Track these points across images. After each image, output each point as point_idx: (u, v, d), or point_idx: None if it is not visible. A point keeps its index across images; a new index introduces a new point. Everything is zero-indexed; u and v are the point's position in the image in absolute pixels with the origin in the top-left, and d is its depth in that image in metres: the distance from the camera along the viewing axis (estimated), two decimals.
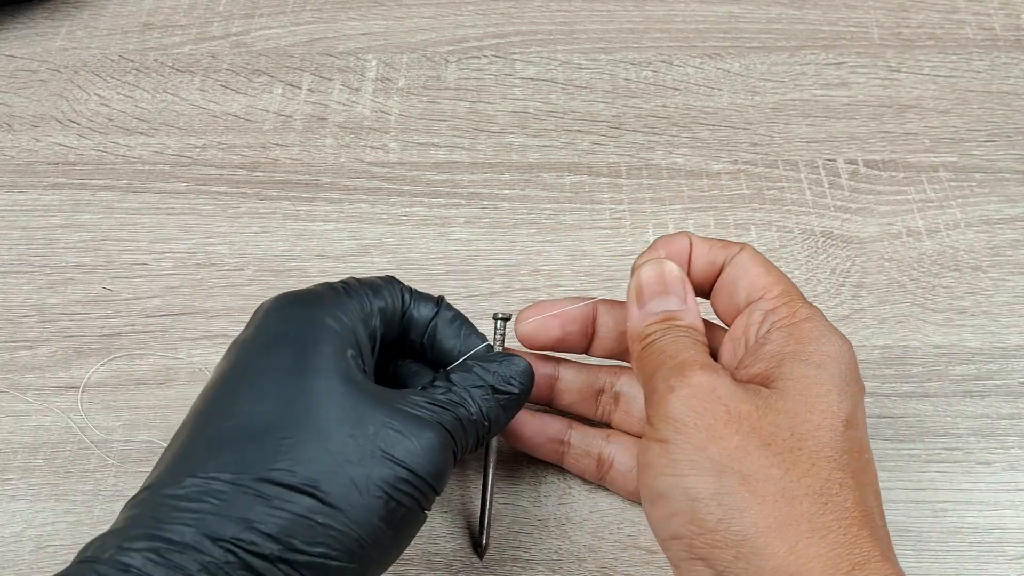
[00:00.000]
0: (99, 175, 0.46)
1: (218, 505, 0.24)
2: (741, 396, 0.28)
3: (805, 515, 0.26)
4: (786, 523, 0.26)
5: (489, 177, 0.45)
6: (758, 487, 0.26)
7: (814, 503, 0.26)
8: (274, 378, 0.27)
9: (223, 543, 0.24)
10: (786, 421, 0.27)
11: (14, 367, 0.39)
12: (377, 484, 0.26)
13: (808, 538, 0.25)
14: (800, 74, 0.50)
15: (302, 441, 0.26)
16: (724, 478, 0.26)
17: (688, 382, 0.28)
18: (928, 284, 0.42)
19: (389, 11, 0.53)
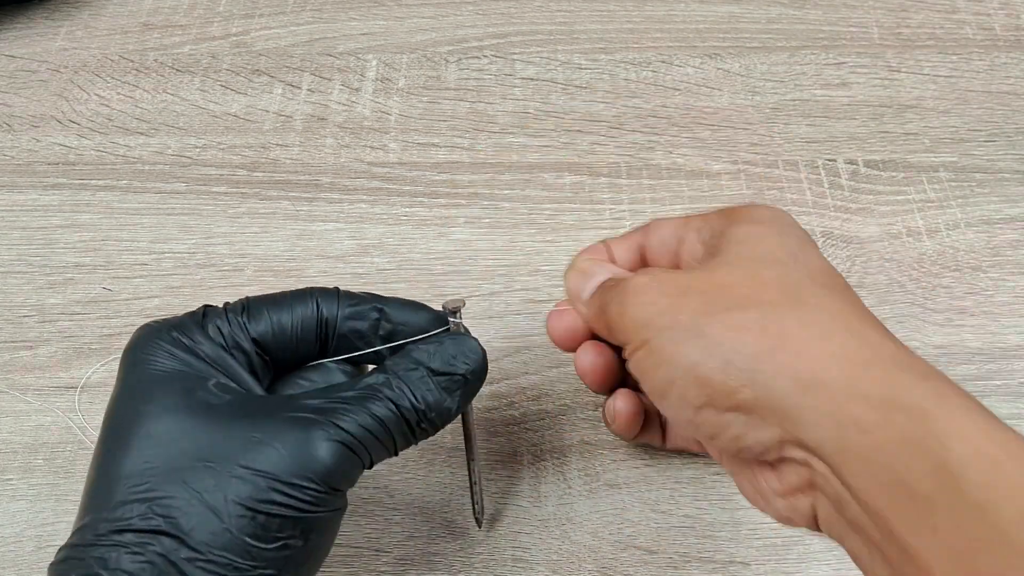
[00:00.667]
0: (99, 175, 0.46)
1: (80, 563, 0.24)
2: (685, 272, 0.30)
3: (797, 328, 0.26)
4: (783, 340, 0.26)
5: (489, 177, 0.46)
6: (738, 324, 0.27)
7: (800, 316, 0.27)
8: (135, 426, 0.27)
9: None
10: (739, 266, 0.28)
11: (14, 367, 0.39)
12: (236, 504, 0.25)
13: (808, 345, 0.26)
14: (800, 74, 0.50)
15: (157, 484, 0.25)
16: (706, 334, 0.27)
17: (631, 288, 0.29)
18: (928, 284, 0.42)
19: (389, 11, 0.53)
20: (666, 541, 0.35)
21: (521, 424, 0.38)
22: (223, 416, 0.27)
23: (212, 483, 0.25)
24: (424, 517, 0.35)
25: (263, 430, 0.26)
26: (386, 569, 0.34)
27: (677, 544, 0.35)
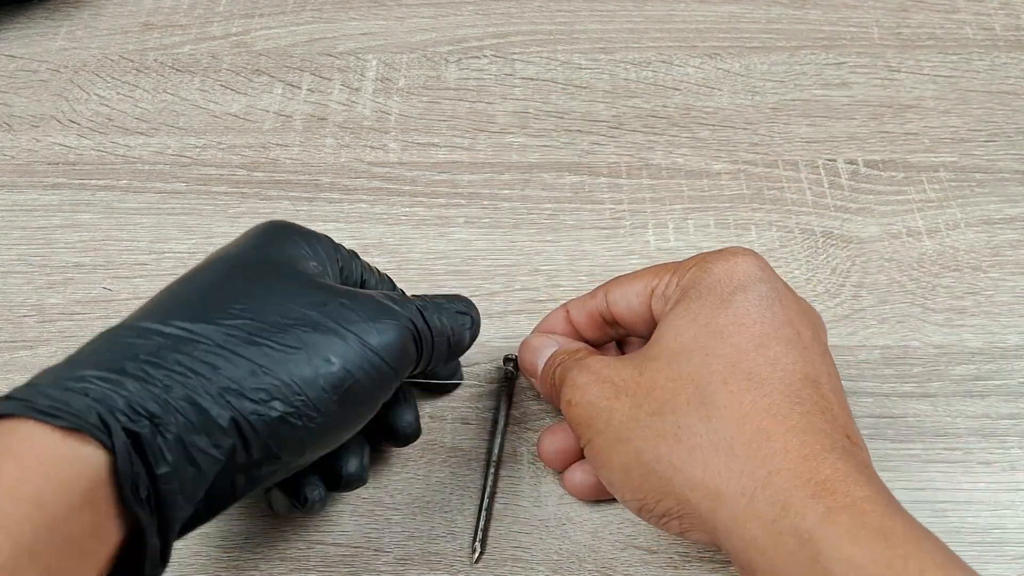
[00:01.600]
0: (99, 175, 0.46)
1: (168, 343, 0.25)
2: (622, 365, 0.30)
3: (703, 436, 0.27)
4: (691, 452, 0.27)
5: (489, 177, 0.45)
6: (657, 431, 0.28)
7: (709, 423, 0.27)
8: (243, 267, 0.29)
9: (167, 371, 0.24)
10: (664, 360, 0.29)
11: (14, 367, 0.39)
12: (329, 351, 0.27)
13: (715, 457, 0.27)
14: (800, 74, 0.50)
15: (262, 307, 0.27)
16: (632, 441, 0.28)
17: (575, 386, 0.31)
18: (928, 284, 0.42)
19: (389, 11, 0.53)
20: (666, 541, 0.35)
21: (521, 424, 0.38)
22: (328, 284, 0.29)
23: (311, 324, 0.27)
24: (424, 517, 0.35)
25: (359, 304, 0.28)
26: (386, 569, 0.34)
27: (677, 544, 0.35)
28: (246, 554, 0.34)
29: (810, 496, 0.25)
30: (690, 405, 0.28)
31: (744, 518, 0.26)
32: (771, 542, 0.25)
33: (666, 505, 0.28)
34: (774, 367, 0.28)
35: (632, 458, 0.28)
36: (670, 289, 0.32)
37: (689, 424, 0.27)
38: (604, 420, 0.29)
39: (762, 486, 0.25)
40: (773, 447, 0.26)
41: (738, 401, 0.27)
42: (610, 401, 0.29)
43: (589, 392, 0.30)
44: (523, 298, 0.41)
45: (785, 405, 0.27)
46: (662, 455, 0.28)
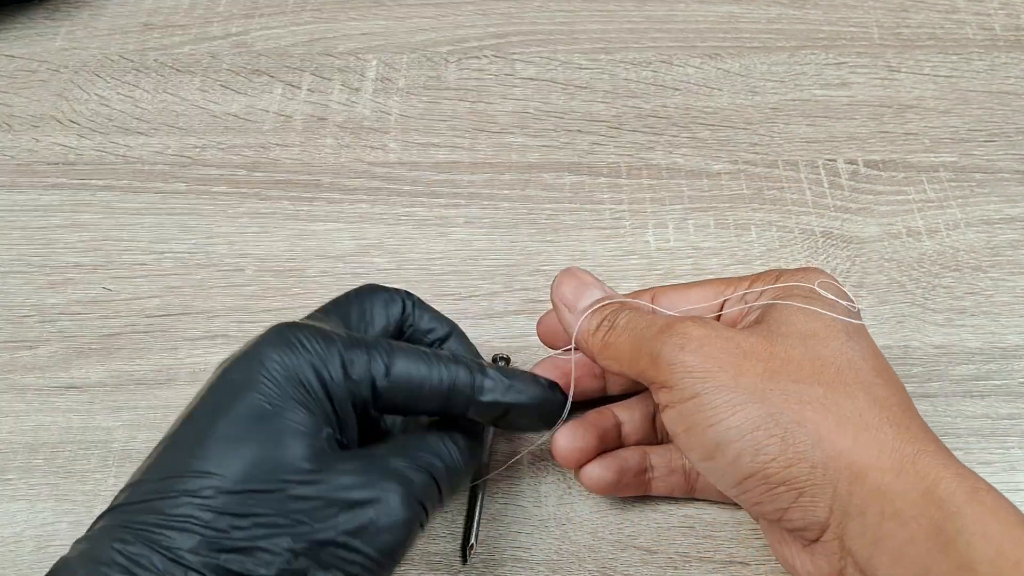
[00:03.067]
0: (99, 175, 0.46)
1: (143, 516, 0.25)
2: (744, 335, 0.29)
3: (853, 413, 0.27)
4: (841, 422, 0.26)
5: (489, 177, 0.45)
6: (802, 399, 0.27)
7: (855, 402, 0.27)
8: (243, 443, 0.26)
9: None
10: (796, 339, 0.29)
11: (14, 367, 0.39)
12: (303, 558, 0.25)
13: (865, 432, 0.26)
14: (800, 74, 0.50)
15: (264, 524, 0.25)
16: (769, 401, 0.27)
17: (690, 334, 0.28)
18: (928, 284, 0.42)
19: (389, 11, 0.53)
20: (666, 541, 0.35)
21: None
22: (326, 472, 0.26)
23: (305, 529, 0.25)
24: None
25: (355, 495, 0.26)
26: None
27: (677, 544, 0.35)
28: None
29: (957, 476, 0.25)
30: (835, 384, 0.28)
31: (892, 491, 0.25)
32: (916, 513, 0.25)
33: (793, 473, 0.26)
34: (891, 375, 0.29)
35: (764, 419, 0.27)
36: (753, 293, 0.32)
37: (836, 399, 0.27)
38: (731, 376, 0.27)
39: (911, 462, 0.26)
40: (915, 434, 0.27)
41: (878, 392, 0.28)
42: (737, 359, 0.28)
43: (711, 344, 0.28)
44: (523, 298, 0.41)
45: (909, 408, 0.28)
46: (807, 419, 0.27)
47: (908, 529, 0.25)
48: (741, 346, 0.28)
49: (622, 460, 0.33)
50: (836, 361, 0.28)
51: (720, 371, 0.27)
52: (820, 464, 0.26)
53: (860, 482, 0.26)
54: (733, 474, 0.27)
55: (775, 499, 0.27)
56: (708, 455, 0.28)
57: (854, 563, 0.27)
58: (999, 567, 0.24)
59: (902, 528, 0.25)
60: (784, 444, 0.26)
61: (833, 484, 0.26)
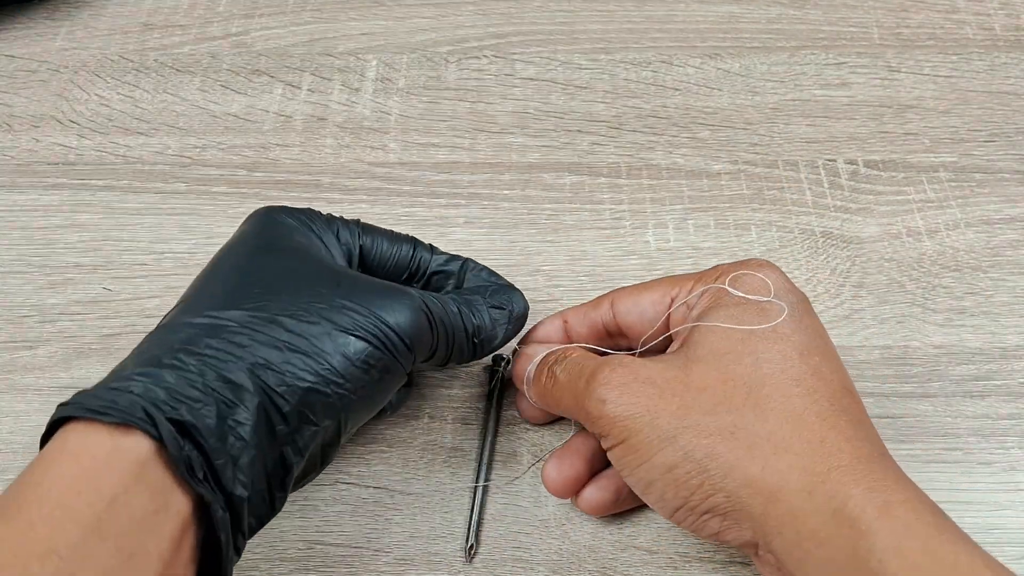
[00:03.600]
0: (99, 175, 0.46)
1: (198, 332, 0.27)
2: (662, 368, 0.30)
3: (763, 437, 0.28)
4: (751, 450, 0.27)
5: (489, 177, 0.45)
6: (712, 430, 0.28)
7: (766, 423, 0.28)
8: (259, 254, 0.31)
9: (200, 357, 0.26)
10: (710, 362, 0.29)
11: (14, 367, 0.39)
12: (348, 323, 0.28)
13: (774, 455, 0.27)
14: (800, 74, 0.50)
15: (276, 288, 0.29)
16: (681, 439, 0.28)
17: (609, 384, 0.30)
18: (928, 284, 0.42)
19: (389, 11, 0.53)
20: (666, 541, 0.35)
21: (521, 424, 0.38)
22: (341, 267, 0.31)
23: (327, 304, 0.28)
24: (424, 517, 0.35)
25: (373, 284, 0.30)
26: (386, 569, 0.34)
27: (677, 544, 0.35)
28: (246, 554, 0.34)
29: (868, 491, 0.26)
30: (745, 406, 0.28)
31: (804, 513, 0.26)
32: (829, 533, 0.26)
33: (713, 502, 0.28)
34: (817, 376, 0.29)
35: (679, 457, 0.28)
36: (694, 298, 0.32)
37: (746, 424, 0.28)
38: (647, 420, 0.29)
39: (822, 481, 0.26)
40: (828, 448, 0.27)
41: (792, 405, 0.28)
42: (653, 401, 0.29)
43: (628, 391, 0.29)
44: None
45: (832, 413, 0.28)
46: (717, 453, 0.28)
47: (824, 549, 0.26)
48: (657, 384, 0.29)
49: (616, 478, 0.34)
50: (748, 380, 0.29)
51: (638, 418, 0.29)
52: (734, 492, 0.27)
53: (774, 505, 0.27)
54: (665, 507, 0.30)
55: (706, 525, 0.29)
56: (642, 491, 0.30)
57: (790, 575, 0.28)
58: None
59: (819, 548, 0.26)
60: (701, 478, 0.28)
61: (749, 508, 0.27)
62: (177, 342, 0.27)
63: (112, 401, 0.24)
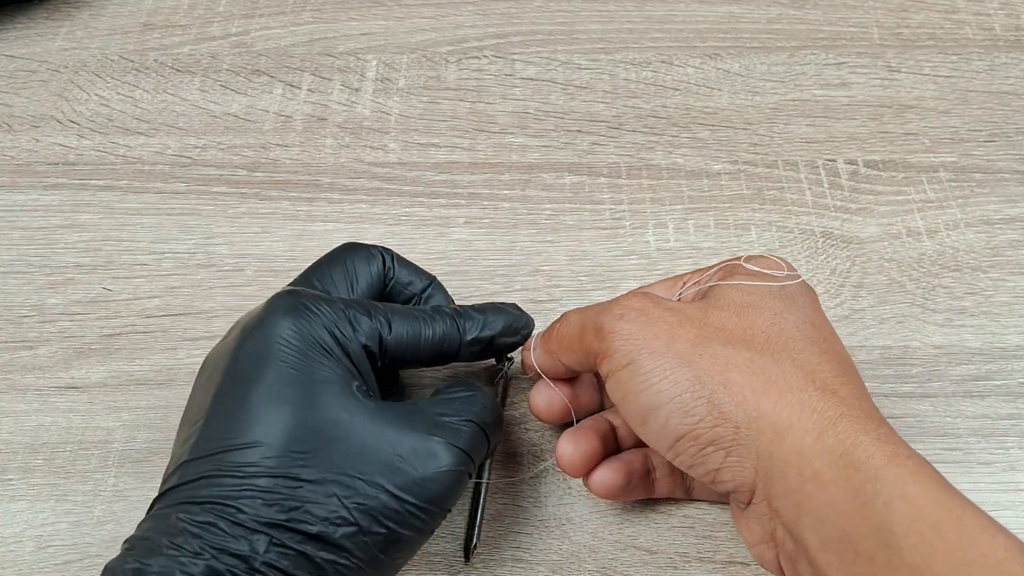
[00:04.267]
0: (99, 175, 0.46)
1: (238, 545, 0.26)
2: (682, 305, 0.30)
3: (779, 377, 0.28)
4: (766, 385, 0.27)
5: (489, 177, 0.45)
6: (729, 362, 0.28)
7: (782, 367, 0.28)
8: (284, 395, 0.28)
9: None
10: (731, 310, 0.30)
11: (14, 367, 0.39)
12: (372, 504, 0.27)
13: (789, 394, 0.27)
14: (800, 74, 0.50)
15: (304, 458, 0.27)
16: (696, 365, 0.28)
17: (630, 305, 0.30)
18: (928, 284, 0.42)
19: (389, 11, 0.53)
20: (666, 541, 0.35)
21: (521, 424, 0.38)
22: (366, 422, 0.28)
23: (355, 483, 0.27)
24: None
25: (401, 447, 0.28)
26: None
27: (677, 544, 0.35)
28: None
29: (877, 440, 0.26)
30: (764, 349, 0.29)
31: (811, 452, 0.26)
32: (835, 475, 0.25)
33: (719, 433, 0.27)
34: (829, 343, 0.30)
35: (692, 382, 0.28)
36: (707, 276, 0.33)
37: (763, 363, 0.28)
38: (663, 342, 0.28)
39: (832, 424, 0.26)
40: (840, 399, 0.27)
41: (807, 359, 0.29)
42: (671, 326, 0.29)
43: (648, 313, 0.29)
44: (523, 298, 0.41)
45: (842, 374, 0.29)
46: (732, 381, 0.28)
47: (827, 491, 0.25)
48: (678, 315, 0.29)
49: (627, 462, 0.34)
50: (767, 330, 0.29)
51: (654, 338, 0.29)
52: (743, 424, 0.27)
53: (780, 442, 0.27)
54: (666, 436, 0.28)
55: (705, 460, 0.28)
56: (643, 419, 0.29)
57: (782, 526, 0.27)
58: (918, 528, 0.24)
59: (821, 490, 0.26)
60: (710, 405, 0.27)
61: (755, 444, 0.27)
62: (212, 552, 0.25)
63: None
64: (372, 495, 0.27)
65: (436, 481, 0.28)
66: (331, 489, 0.27)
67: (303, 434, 0.27)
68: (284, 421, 0.27)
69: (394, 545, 0.28)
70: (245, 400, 0.28)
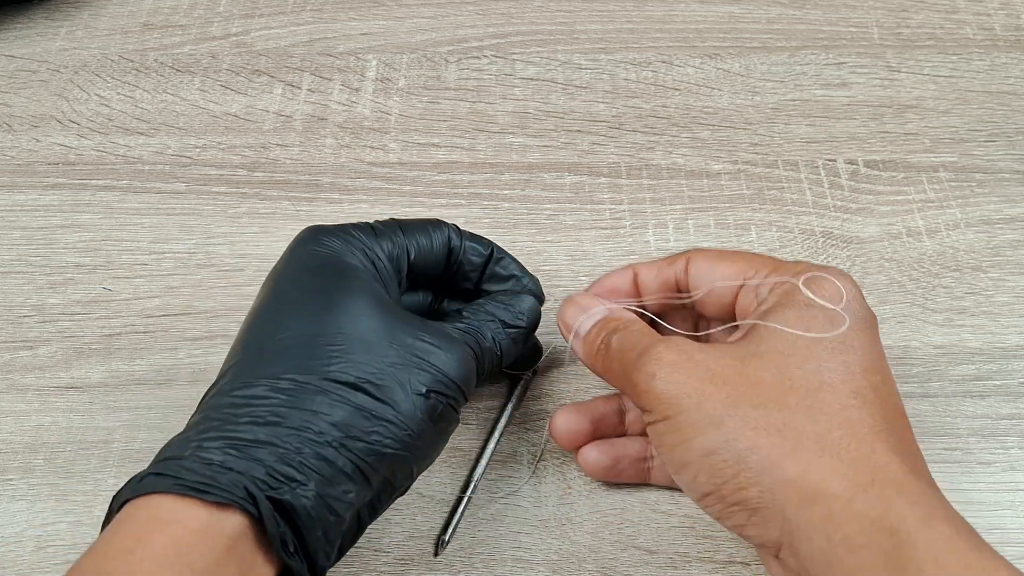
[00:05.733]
0: (99, 175, 0.46)
1: (287, 400, 0.27)
2: (718, 355, 0.30)
3: (811, 439, 0.27)
4: (796, 449, 0.27)
5: (489, 177, 0.45)
6: (759, 424, 0.28)
7: (817, 425, 0.27)
8: (316, 298, 0.30)
9: (294, 432, 0.27)
10: (771, 359, 0.29)
11: (14, 367, 0.39)
12: (419, 383, 0.29)
13: (819, 458, 0.27)
14: (800, 74, 0.50)
15: (349, 349, 0.29)
16: (725, 426, 0.28)
17: (661, 361, 0.30)
18: (928, 284, 0.42)
19: (389, 11, 0.53)
20: (666, 541, 0.35)
21: (521, 424, 0.38)
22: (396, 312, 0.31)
23: (398, 360, 0.29)
24: (424, 517, 0.35)
25: (426, 334, 0.30)
26: (386, 569, 0.34)
27: (677, 544, 0.35)
28: None
29: (911, 503, 0.26)
30: (799, 407, 0.28)
31: (841, 518, 0.26)
32: (865, 540, 0.25)
33: (745, 495, 0.27)
34: (877, 393, 0.29)
35: (720, 443, 0.28)
36: (765, 289, 0.32)
37: (796, 423, 0.28)
38: (694, 402, 0.28)
39: (864, 490, 0.26)
40: (876, 460, 0.27)
41: (847, 414, 0.28)
42: (703, 385, 0.29)
43: (680, 370, 0.29)
44: None
45: (885, 428, 0.28)
46: (759, 446, 0.27)
47: (858, 556, 0.25)
48: (711, 369, 0.29)
49: (620, 447, 0.35)
50: (807, 383, 0.28)
51: (686, 397, 0.29)
52: (768, 489, 0.27)
53: (809, 508, 0.26)
54: (695, 490, 0.29)
55: (732, 516, 0.28)
56: (675, 470, 0.30)
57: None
58: None
59: (851, 554, 0.25)
60: (737, 468, 0.27)
61: (782, 508, 0.27)
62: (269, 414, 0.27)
63: (212, 478, 0.25)
64: None
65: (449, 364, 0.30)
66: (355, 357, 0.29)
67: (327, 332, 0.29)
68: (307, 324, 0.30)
69: None
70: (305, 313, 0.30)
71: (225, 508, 0.25)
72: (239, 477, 0.25)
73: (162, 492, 0.25)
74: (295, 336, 0.29)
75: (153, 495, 0.25)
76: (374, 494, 0.29)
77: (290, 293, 0.31)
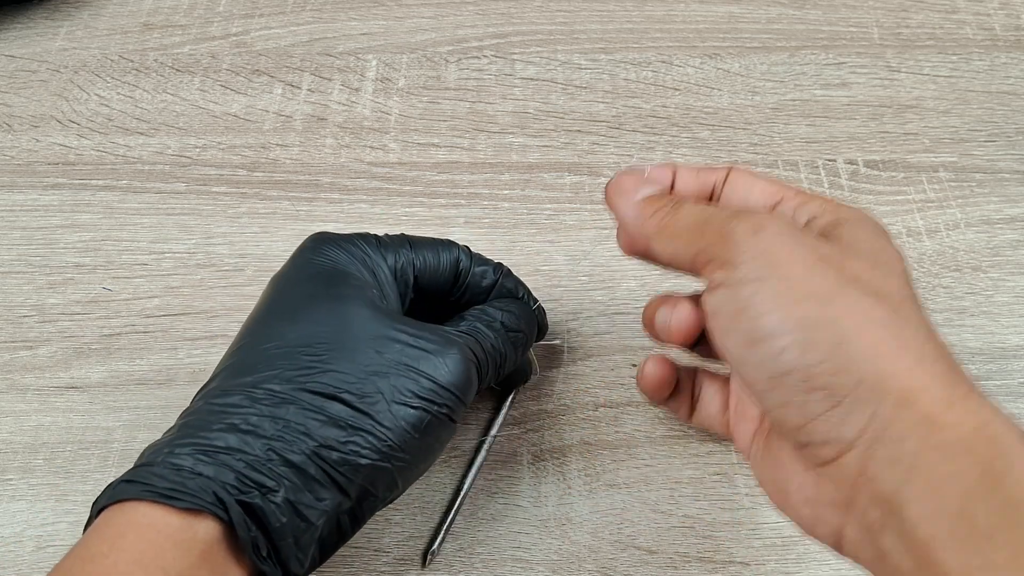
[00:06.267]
0: (99, 175, 0.46)
1: (261, 409, 0.28)
2: (819, 241, 0.28)
3: (914, 342, 0.26)
4: (900, 347, 0.25)
5: (489, 177, 0.46)
6: (868, 314, 0.26)
7: (916, 332, 0.26)
8: (306, 306, 0.30)
9: (265, 440, 0.27)
10: (868, 260, 0.27)
11: (14, 367, 0.39)
12: (405, 392, 0.29)
13: (923, 361, 0.25)
14: (800, 74, 0.50)
15: (334, 358, 0.29)
16: (835, 305, 0.26)
17: (763, 222, 0.27)
18: (928, 284, 0.42)
19: (389, 11, 0.53)
20: (666, 541, 0.35)
21: (521, 424, 0.38)
22: (388, 317, 0.30)
23: (383, 369, 0.29)
24: (424, 517, 0.35)
25: (419, 339, 0.30)
26: (386, 569, 0.34)
27: (677, 544, 0.35)
28: None
29: (1005, 420, 0.25)
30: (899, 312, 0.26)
31: (941, 422, 0.24)
32: (965, 448, 0.24)
33: (837, 381, 0.25)
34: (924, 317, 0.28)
35: (826, 322, 0.25)
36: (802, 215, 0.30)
37: (899, 324, 0.26)
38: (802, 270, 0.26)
39: (962, 399, 0.25)
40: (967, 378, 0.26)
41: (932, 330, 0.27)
42: (812, 259, 0.27)
43: (788, 237, 0.27)
44: None
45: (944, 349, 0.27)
46: (867, 333, 0.25)
47: (953, 462, 0.24)
48: (818, 250, 0.27)
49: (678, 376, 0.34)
50: (900, 293, 0.27)
51: (790, 265, 0.26)
52: (869, 379, 0.25)
53: (908, 407, 0.24)
54: (771, 367, 0.26)
55: (806, 404, 0.26)
56: (751, 343, 0.26)
57: (872, 492, 0.25)
58: None
59: (945, 461, 0.24)
60: (838, 350, 0.25)
61: (876, 404, 0.25)
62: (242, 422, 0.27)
63: (182, 484, 0.25)
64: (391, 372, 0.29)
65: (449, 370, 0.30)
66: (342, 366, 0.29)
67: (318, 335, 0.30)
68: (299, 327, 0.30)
69: None
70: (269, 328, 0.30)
71: (198, 514, 0.25)
72: (208, 482, 0.26)
73: (134, 499, 0.26)
74: (279, 345, 0.29)
75: (127, 502, 0.26)
76: (353, 503, 0.28)
77: (280, 302, 0.31)
